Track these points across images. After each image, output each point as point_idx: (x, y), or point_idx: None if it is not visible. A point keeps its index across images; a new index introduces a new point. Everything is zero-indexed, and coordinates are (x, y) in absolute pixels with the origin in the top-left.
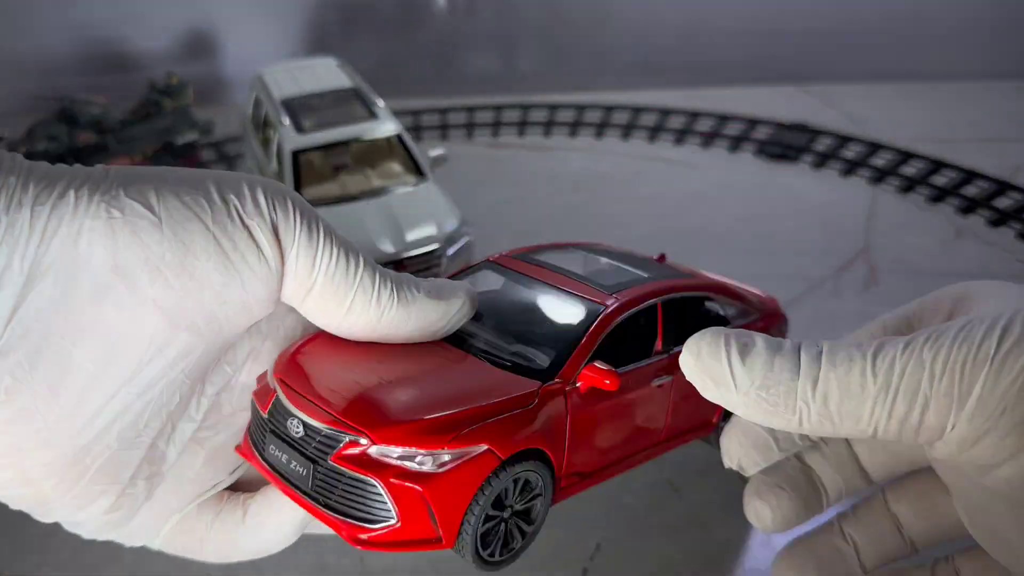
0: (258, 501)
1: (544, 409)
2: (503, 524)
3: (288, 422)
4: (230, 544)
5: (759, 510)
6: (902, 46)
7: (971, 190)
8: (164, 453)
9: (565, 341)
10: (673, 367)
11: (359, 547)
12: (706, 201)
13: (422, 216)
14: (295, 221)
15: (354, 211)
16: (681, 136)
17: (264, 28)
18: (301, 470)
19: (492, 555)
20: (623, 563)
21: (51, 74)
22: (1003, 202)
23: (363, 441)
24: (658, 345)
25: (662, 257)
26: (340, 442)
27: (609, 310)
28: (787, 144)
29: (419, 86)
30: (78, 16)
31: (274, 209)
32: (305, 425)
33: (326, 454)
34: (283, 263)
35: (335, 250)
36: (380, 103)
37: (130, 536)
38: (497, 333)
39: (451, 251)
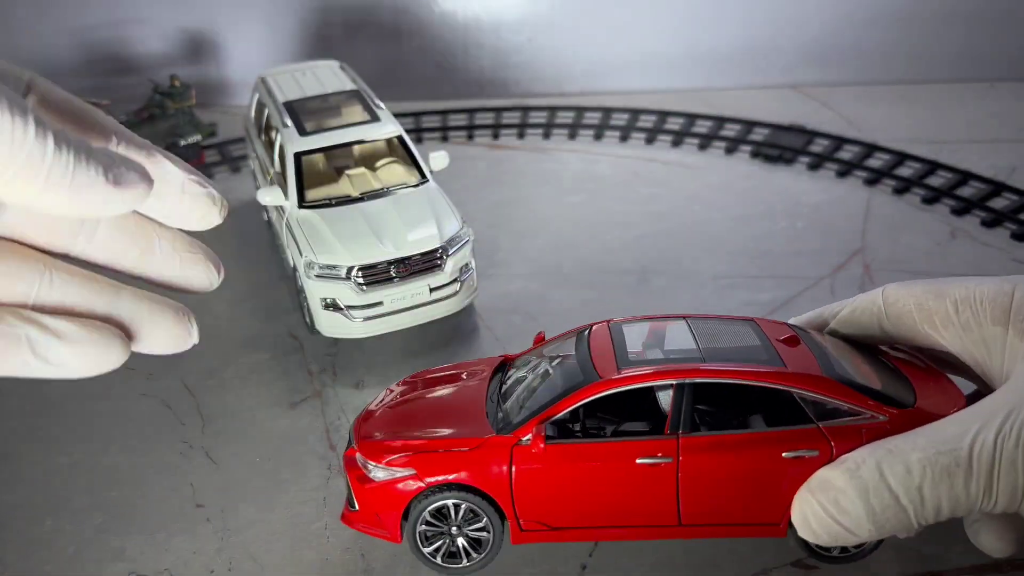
0: None
1: (484, 455)
2: (450, 539)
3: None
4: None
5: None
6: (899, 48)
7: (966, 191)
8: None
9: (541, 403)
10: (683, 451)
11: (344, 522)
12: (703, 202)
13: (423, 216)
14: None
15: (356, 212)
16: (679, 138)
17: (266, 31)
18: None
19: (433, 555)
20: (622, 560)
21: (54, 76)
22: (998, 203)
23: (355, 447)
24: (665, 427)
25: (793, 339)
26: (349, 444)
27: (593, 382)
28: (784, 146)
29: (420, 89)
30: (81, 19)
31: None
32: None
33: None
34: None
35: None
36: (381, 105)
37: None
38: (533, 382)
39: (452, 251)
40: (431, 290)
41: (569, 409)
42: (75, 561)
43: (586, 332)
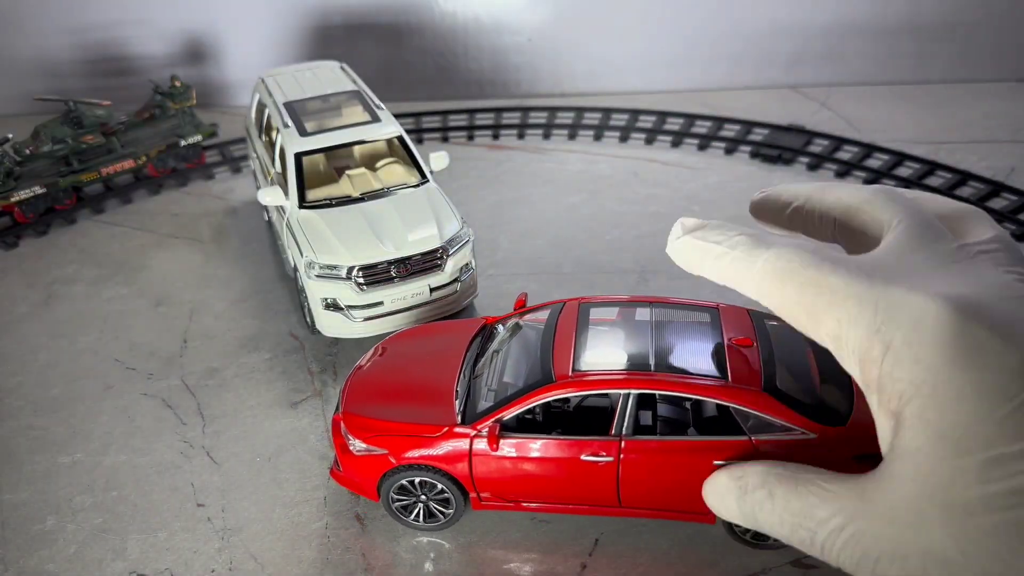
0: None
1: (447, 443)
2: (421, 504)
3: None
4: None
5: None
6: (899, 48)
7: (965, 191)
8: None
9: (503, 397)
10: (625, 452)
11: (332, 476)
12: (703, 202)
13: (423, 217)
14: None
15: (357, 212)
16: (678, 138)
17: (267, 31)
18: None
19: (416, 519)
20: (621, 558)
21: (55, 77)
22: (997, 203)
23: (339, 413)
24: (611, 428)
25: (747, 341)
26: (336, 409)
27: (550, 384)
28: (783, 146)
29: (420, 89)
30: (80, 19)
31: None
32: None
33: (335, 411)
34: None
35: None
36: (382, 105)
37: None
38: (503, 362)
39: (452, 251)
40: (431, 290)
41: (524, 407)
42: (76, 560)
43: (556, 316)
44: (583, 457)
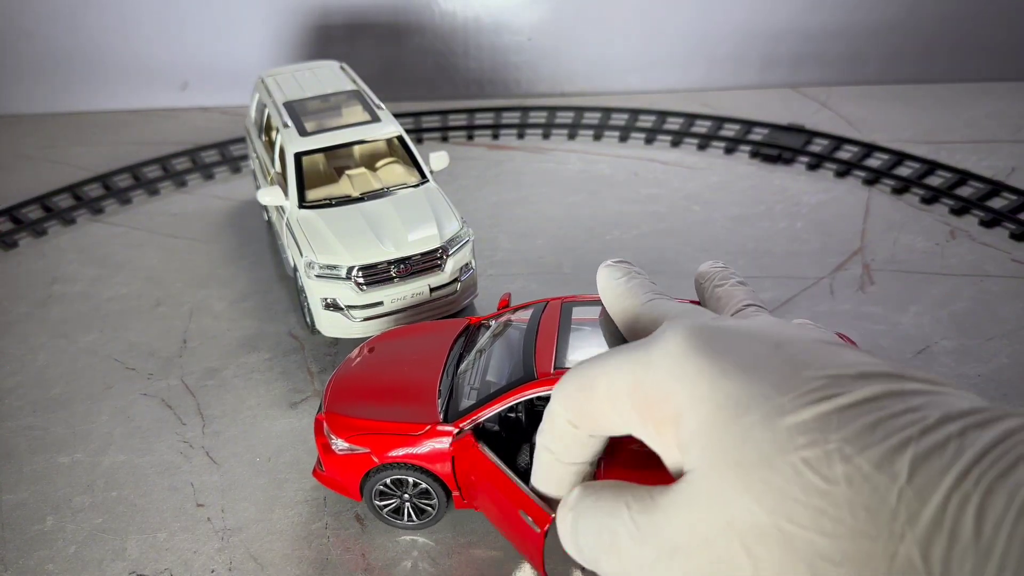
0: None
1: (431, 441)
2: (405, 503)
3: None
4: None
5: None
6: (898, 48)
7: (965, 191)
8: None
9: (485, 395)
10: (606, 449)
11: (314, 476)
12: (703, 202)
13: (423, 217)
14: None
15: (357, 212)
16: (678, 138)
17: (267, 31)
18: None
19: (401, 519)
20: None
21: None
22: (997, 203)
23: (323, 414)
24: None
25: None
26: (319, 409)
27: (530, 382)
28: (783, 146)
29: (420, 89)
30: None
31: None
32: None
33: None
34: None
35: None
36: (381, 105)
37: None
38: (486, 361)
39: (452, 251)
40: (431, 290)
41: (506, 405)
42: (76, 560)
43: (539, 315)
44: None
